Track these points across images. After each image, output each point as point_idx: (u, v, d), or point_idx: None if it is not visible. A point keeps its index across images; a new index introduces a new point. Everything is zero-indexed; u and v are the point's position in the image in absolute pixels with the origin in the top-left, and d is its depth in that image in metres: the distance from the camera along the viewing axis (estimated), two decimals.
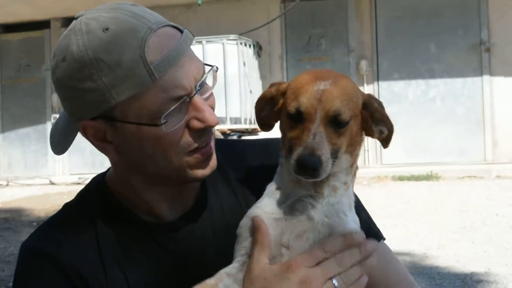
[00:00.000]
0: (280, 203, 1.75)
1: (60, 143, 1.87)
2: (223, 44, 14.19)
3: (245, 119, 14.43)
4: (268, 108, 1.83)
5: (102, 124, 1.76)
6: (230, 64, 14.21)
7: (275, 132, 1.86)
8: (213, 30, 14.94)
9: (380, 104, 1.76)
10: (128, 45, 1.66)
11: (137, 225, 1.90)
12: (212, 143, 1.86)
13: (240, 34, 14.54)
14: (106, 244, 1.87)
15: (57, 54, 1.75)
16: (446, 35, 15.00)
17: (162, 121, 1.70)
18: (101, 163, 16.24)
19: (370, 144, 14.51)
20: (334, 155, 1.66)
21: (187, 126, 1.76)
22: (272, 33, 15.88)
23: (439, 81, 15.13)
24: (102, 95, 1.67)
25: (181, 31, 1.78)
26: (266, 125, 1.87)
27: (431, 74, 15.18)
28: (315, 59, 15.71)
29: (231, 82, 14.11)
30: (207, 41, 14.14)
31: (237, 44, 14.40)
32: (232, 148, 2.07)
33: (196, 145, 1.79)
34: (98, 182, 1.99)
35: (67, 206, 1.99)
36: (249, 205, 1.83)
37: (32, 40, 17.90)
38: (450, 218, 9.51)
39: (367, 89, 15.25)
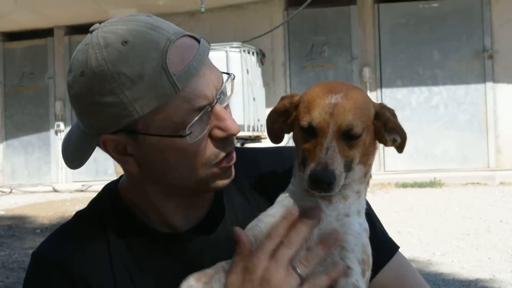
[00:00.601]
0: (285, 208, 1.75)
1: (75, 158, 1.81)
2: (226, 51, 14.19)
3: (248, 126, 14.42)
4: (280, 121, 1.85)
5: (123, 138, 1.74)
6: (233, 71, 14.10)
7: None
8: (216, 37, 14.95)
9: (392, 113, 1.76)
10: (149, 57, 1.64)
11: (149, 235, 1.88)
12: (234, 153, 1.84)
13: (243, 42, 14.54)
14: (118, 254, 1.85)
15: (74, 69, 1.72)
16: (449, 42, 14.99)
17: (187, 132, 1.69)
18: (104, 171, 16.27)
19: None
20: (348, 167, 1.68)
21: (210, 136, 1.75)
22: (275, 41, 15.89)
23: (442, 88, 15.12)
24: (125, 108, 1.65)
25: (198, 41, 1.77)
26: (277, 138, 1.89)
27: (434, 81, 15.17)
28: (318, 66, 15.70)
29: (234, 89, 14.05)
30: (210, 49, 14.08)
31: (240, 51, 14.39)
32: (245, 156, 2.04)
33: (223, 154, 1.78)
34: (111, 190, 1.97)
35: (78, 214, 1.97)
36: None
37: (35, 48, 17.92)
38: (454, 224, 9.49)
39: (370, 96, 15.21)
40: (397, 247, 2.03)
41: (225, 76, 1.83)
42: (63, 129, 17.42)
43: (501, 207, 10.63)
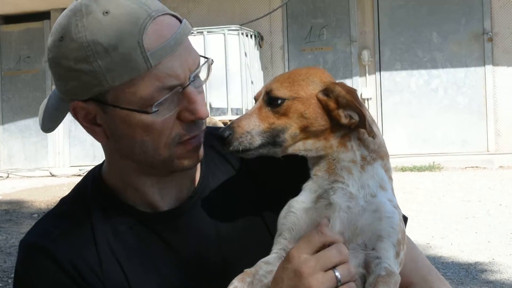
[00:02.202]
0: (312, 193, 1.77)
1: (50, 121, 1.86)
2: (224, 34, 14.13)
3: (246, 110, 14.37)
4: None
5: (93, 107, 1.75)
6: (231, 54, 14.13)
7: None
8: (214, 20, 14.89)
9: (348, 90, 1.75)
10: (126, 30, 1.64)
11: (133, 215, 1.88)
12: (201, 135, 1.84)
13: (242, 25, 14.49)
14: (102, 236, 1.85)
15: (54, 32, 1.73)
16: (449, 24, 14.93)
17: (154, 109, 1.69)
18: (102, 155, 15.87)
19: None
20: (275, 133, 1.73)
21: (178, 117, 1.75)
22: (274, 24, 15.83)
23: (442, 71, 15.07)
24: (96, 77, 1.66)
25: (180, 21, 1.76)
26: None
27: (433, 64, 15.12)
28: (316, 49, 15.65)
29: (232, 72, 14.05)
30: (208, 32, 14.07)
31: (238, 34, 14.34)
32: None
33: (187, 136, 1.78)
34: (94, 174, 1.99)
35: (63, 200, 1.98)
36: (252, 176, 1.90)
37: (32, 31, 17.83)
38: (453, 208, 9.51)
39: (369, 79, 15.22)
40: (405, 218, 2.02)
41: (202, 60, 1.83)
42: None
43: (501, 191, 10.66)
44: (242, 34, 14.47)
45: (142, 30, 1.65)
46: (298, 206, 1.75)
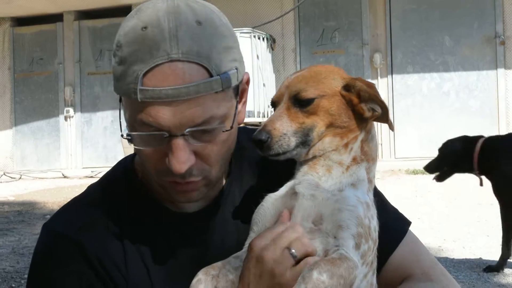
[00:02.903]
0: (286, 187, 1.80)
1: None
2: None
3: (259, 113, 14.39)
4: None
5: None
6: (244, 57, 14.05)
7: None
8: None
9: (368, 84, 1.77)
10: (140, 53, 1.60)
11: (160, 212, 1.87)
12: (196, 185, 1.76)
13: (254, 27, 14.50)
14: (129, 232, 1.84)
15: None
16: (461, 28, 14.90)
17: (126, 136, 1.68)
18: (114, 157, 16.27)
19: (383, 137, 14.47)
20: (305, 133, 1.73)
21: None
22: (286, 26, 15.84)
23: (454, 74, 15.03)
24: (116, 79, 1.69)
25: (210, 74, 1.64)
26: None
27: (445, 67, 15.09)
28: (328, 52, 15.65)
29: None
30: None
31: (250, 37, 14.35)
32: None
33: (171, 179, 1.72)
34: (126, 165, 1.96)
35: (91, 188, 1.95)
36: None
37: (45, 33, 17.91)
38: (464, 211, 9.48)
39: (380, 82, 15.19)
40: (409, 223, 2.06)
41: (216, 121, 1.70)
42: (73, 115, 17.42)
43: None
44: (254, 36, 14.48)
45: (151, 65, 1.59)
46: (268, 199, 1.78)
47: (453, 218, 9.03)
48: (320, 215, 1.69)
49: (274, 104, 1.79)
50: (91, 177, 15.54)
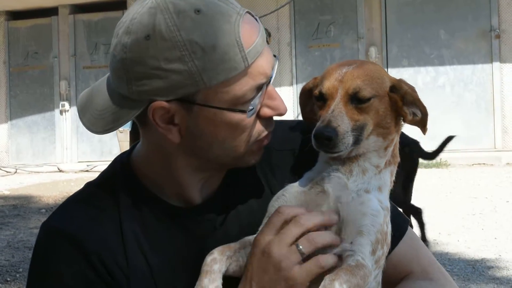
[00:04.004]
0: (310, 180, 1.78)
1: (107, 123, 1.72)
2: None
3: None
4: (311, 103, 1.86)
5: (176, 106, 1.68)
6: None
7: None
8: None
9: (411, 87, 1.78)
10: (222, 29, 1.61)
11: (162, 208, 1.85)
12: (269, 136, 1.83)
13: None
14: (129, 228, 1.82)
15: (136, 31, 1.64)
16: (456, 21, 14.91)
17: (250, 108, 1.68)
18: (109, 151, 16.29)
19: None
20: (358, 131, 1.70)
21: (257, 113, 1.74)
22: (281, 20, 15.84)
23: (449, 68, 15.06)
24: (191, 78, 1.61)
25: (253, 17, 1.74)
26: (311, 120, 1.86)
27: (440, 61, 15.11)
28: (324, 46, 15.66)
29: None
30: None
31: None
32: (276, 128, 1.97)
33: (265, 133, 1.77)
34: (123, 162, 1.92)
35: (89, 185, 1.93)
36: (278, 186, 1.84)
37: (40, 27, 17.89)
38: (460, 205, 9.51)
39: None
40: (408, 220, 2.07)
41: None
42: (68, 109, 17.42)
43: (508, 188, 10.67)
44: None
45: (237, 28, 1.62)
46: (291, 190, 1.77)
47: (448, 212, 9.05)
48: (343, 218, 1.69)
49: (323, 96, 1.74)
50: (87, 171, 15.55)
